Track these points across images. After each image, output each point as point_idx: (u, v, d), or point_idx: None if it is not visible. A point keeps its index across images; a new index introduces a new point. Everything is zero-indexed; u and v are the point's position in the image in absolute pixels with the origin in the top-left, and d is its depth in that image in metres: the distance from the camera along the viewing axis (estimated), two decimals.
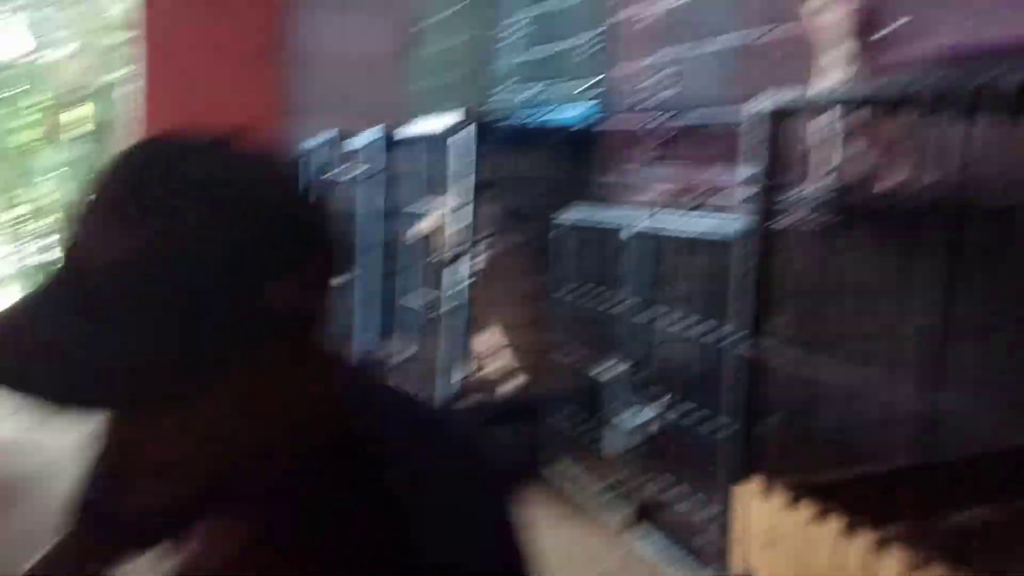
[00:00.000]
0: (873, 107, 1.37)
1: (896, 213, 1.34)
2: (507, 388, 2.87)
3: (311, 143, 3.81)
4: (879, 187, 1.58)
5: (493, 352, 2.91)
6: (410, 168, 3.05)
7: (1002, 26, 1.21)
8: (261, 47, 4.19)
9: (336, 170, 3.53)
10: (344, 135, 3.49)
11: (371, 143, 3.15)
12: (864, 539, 1.36)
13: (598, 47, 2.32)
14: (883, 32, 1.40)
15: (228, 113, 4.27)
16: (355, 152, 3.40)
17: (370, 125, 3.28)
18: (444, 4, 3.17)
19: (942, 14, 1.30)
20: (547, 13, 2.58)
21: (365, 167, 3.23)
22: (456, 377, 2.67)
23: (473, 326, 2.86)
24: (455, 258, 2.61)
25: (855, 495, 1.46)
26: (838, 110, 1.44)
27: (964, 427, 1.33)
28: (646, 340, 2.12)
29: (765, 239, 1.61)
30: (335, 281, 0.57)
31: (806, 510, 1.46)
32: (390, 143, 3.11)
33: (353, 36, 4.33)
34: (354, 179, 3.35)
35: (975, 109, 1.29)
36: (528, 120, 2.77)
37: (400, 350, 3.21)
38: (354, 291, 3.38)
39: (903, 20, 1.34)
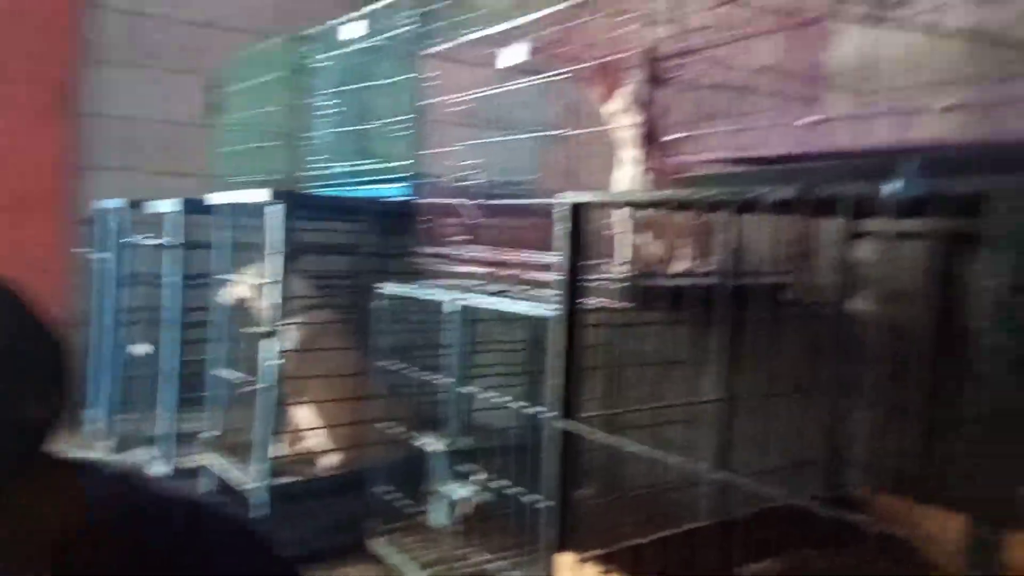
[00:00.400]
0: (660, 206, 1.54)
1: (684, 296, 1.50)
2: (326, 462, 2.81)
3: (105, 205, 3.55)
4: (669, 272, 1.76)
5: (310, 425, 2.84)
6: (218, 236, 2.93)
7: (763, 144, 1.42)
8: (47, 103, 3.87)
9: (133, 236, 3.31)
10: (143, 199, 3.29)
11: (174, 208, 2.99)
12: None
13: (412, 127, 2.39)
14: (664, 140, 1.59)
15: (7, 171, 3.89)
16: (156, 216, 3.21)
17: (174, 189, 3.12)
18: (254, 72, 3.11)
19: (714, 130, 1.50)
20: (362, 90, 2.62)
21: (166, 234, 3.07)
22: (271, 452, 2.57)
23: (289, 399, 2.77)
24: (269, 330, 2.53)
25: (661, 558, 1.57)
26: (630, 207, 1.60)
27: (750, 488, 1.48)
28: (467, 413, 2.17)
29: (573, 319, 1.72)
30: (57, 395, 0.56)
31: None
32: (196, 209, 2.98)
33: (155, 97, 4.11)
34: (153, 245, 3.16)
35: (746, 209, 1.49)
36: (343, 193, 2.77)
37: (209, 425, 3.03)
38: (156, 363, 3.17)
39: (681, 134, 1.53)
